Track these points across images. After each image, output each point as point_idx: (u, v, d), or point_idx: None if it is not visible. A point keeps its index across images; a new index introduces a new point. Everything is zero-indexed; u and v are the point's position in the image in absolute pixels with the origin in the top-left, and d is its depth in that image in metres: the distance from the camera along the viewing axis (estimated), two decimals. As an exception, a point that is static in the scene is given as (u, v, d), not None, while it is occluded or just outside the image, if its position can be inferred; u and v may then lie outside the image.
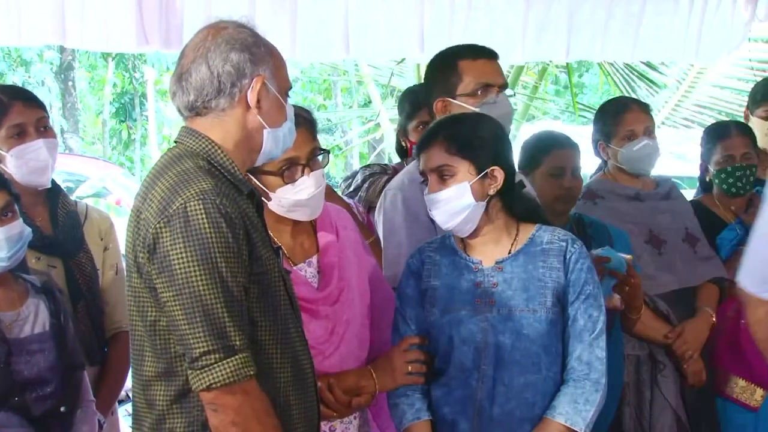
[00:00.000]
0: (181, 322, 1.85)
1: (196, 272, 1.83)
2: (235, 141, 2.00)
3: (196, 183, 1.89)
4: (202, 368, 1.85)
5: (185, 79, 1.98)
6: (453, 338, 2.37)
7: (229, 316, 1.85)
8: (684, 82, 7.77)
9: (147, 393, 1.98)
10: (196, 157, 1.96)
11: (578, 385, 2.33)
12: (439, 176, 2.37)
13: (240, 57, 1.96)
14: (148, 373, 1.97)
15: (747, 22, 4.47)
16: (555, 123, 13.30)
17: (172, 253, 1.84)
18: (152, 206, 1.91)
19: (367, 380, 2.42)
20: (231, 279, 1.86)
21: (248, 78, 1.97)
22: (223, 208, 1.86)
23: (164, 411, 1.95)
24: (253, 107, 1.98)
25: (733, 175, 3.34)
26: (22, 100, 2.77)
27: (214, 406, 1.87)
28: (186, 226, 1.84)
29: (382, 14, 3.89)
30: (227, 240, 1.86)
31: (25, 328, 2.50)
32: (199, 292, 1.83)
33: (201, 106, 1.98)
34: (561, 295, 2.36)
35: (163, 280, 1.86)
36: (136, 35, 3.49)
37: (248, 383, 1.87)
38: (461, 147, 2.35)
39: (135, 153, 20.14)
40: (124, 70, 19.61)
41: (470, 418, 2.35)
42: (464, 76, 2.77)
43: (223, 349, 1.84)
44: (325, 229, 2.49)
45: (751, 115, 3.72)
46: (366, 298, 2.51)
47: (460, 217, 2.36)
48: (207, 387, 1.85)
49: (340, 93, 17.53)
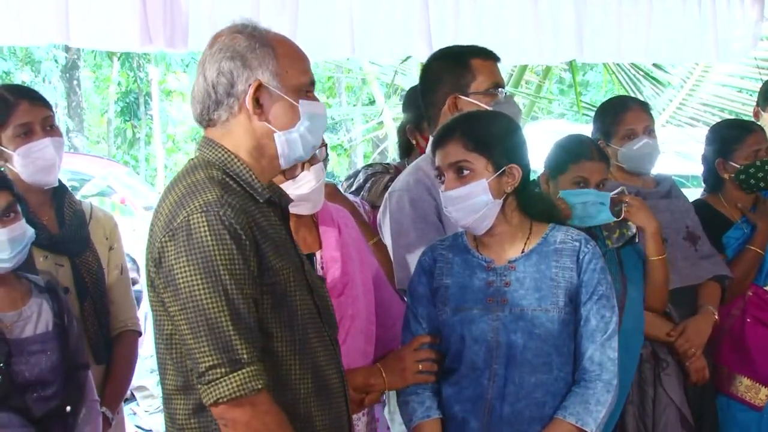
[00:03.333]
0: (188, 336, 1.84)
1: (199, 286, 1.82)
2: (247, 149, 1.97)
3: (202, 195, 1.87)
4: (208, 383, 1.83)
5: (192, 92, 1.98)
6: (464, 337, 2.36)
7: (235, 329, 1.83)
8: (689, 81, 7.76)
9: (169, 407, 1.97)
10: (211, 167, 1.95)
11: (590, 386, 2.33)
12: (457, 172, 2.35)
13: (231, 65, 1.93)
14: (169, 387, 1.96)
15: (756, 21, 4.47)
16: (559, 122, 13.30)
17: (176, 267, 1.83)
18: (160, 220, 1.90)
19: (376, 378, 2.42)
20: (236, 291, 1.83)
21: (243, 85, 1.94)
22: (226, 219, 1.84)
23: (183, 425, 1.94)
24: (252, 113, 1.95)
25: (762, 169, 3.31)
26: (29, 99, 2.77)
27: (224, 421, 1.86)
28: (189, 240, 1.83)
29: (386, 12, 3.89)
30: (231, 252, 1.83)
31: (27, 328, 2.49)
32: (203, 306, 1.82)
33: (207, 119, 1.97)
34: (573, 295, 2.35)
35: (169, 294, 1.86)
36: (140, 34, 3.49)
37: (257, 397, 1.84)
38: (479, 144, 2.34)
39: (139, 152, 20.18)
40: (128, 69, 19.63)
41: (480, 416, 2.34)
42: (478, 74, 2.79)
43: (229, 363, 1.82)
44: (327, 225, 2.50)
45: (762, 112, 3.70)
46: (370, 295, 2.52)
47: (477, 214, 2.35)
48: (215, 402, 1.83)
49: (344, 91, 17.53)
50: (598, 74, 15.56)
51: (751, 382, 3.14)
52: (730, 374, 3.15)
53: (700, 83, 7.74)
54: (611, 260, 2.89)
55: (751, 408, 3.14)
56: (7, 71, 16.95)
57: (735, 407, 3.15)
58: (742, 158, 3.32)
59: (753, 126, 3.48)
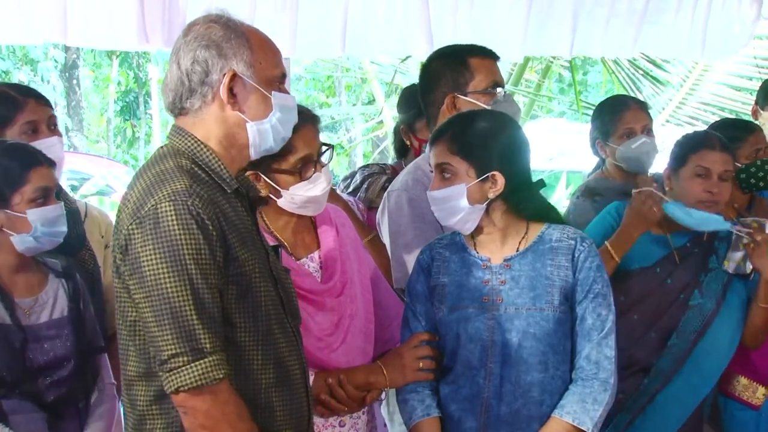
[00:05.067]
0: (151, 324, 1.85)
1: (165, 274, 1.83)
2: (218, 138, 1.99)
3: (170, 183, 1.88)
4: (170, 371, 1.84)
5: (165, 80, 1.99)
6: (460, 335, 2.36)
7: (198, 318, 1.84)
8: (688, 80, 7.76)
9: (130, 393, 1.99)
10: (180, 156, 1.96)
11: (587, 385, 2.33)
12: (441, 174, 2.37)
13: (206, 54, 1.94)
14: (131, 373, 1.97)
15: (753, 20, 4.47)
16: (559, 120, 13.30)
17: (142, 254, 1.84)
18: (128, 207, 1.91)
19: (377, 376, 2.42)
20: (201, 281, 1.85)
21: (217, 74, 1.95)
22: (194, 209, 1.85)
23: (144, 411, 1.96)
24: (226, 102, 1.96)
25: (763, 168, 3.30)
26: (35, 97, 2.80)
27: (184, 409, 1.88)
28: (156, 228, 1.84)
29: (386, 11, 3.89)
30: (198, 241, 1.85)
31: (43, 313, 2.50)
32: (168, 295, 1.83)
33: (179, 107, 1.98)
34: (569, 293, 2.35)
35: (134, 282, 1.87)
36: (137, 33, 3.49)
37: (218, 386, 1.86)
38: (463, 148, 2.34)
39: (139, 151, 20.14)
40: (128, 68, 19.60)
41: (477, 416, 2.35)
42: (476, 73, 2.78)
43: (191, 351, 1.83)
44: (325, 225, 2.51)
45: (761, 111, 3.70)
46: (368, 293, 2.52)
47: (456, 217, 2.36)
48: (175, 390, 1.85)
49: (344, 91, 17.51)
50: (598, 74, 15.55)
51: (748, 381, 3.13)
52: (728, 373, 3.14)
53: (700, 82, 7.74)
54: (718, 278, 2.89)
55: (749, 407, 3.14)
56: (6, 70, 16.93)
57: (732, 406, 3.15)
58: (743, 158, 3.32)
59: (753, 126, 3.47)
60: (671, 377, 2.86)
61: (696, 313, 2.87)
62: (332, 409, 2.37)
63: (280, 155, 2.24)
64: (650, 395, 2.85)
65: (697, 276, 2.90)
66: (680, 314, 2.87)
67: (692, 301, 2.88)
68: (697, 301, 2.87)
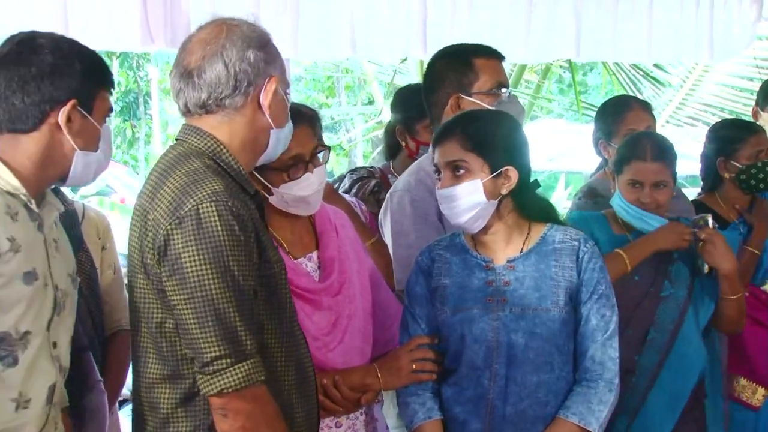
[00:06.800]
0: (192, 325, 1.83)
1: (209, 275, 1.81)
2: (242, 140, 1.97)
3: (208, 184, 1.86)
4: (213, 373, 1.83)
5: (197, 75, 1.93)
6: (465, 337, 2.36)
7: (241, 320, 1.83)
8: (688, 81, 7.77)
9: (150, 395, 1.96)
10: (202, 156, 1.94)
11: (591, 385, 2.33)
12: (453, 171, 2.36)
13: (257, 56, 1.94)
14: (152, 376, 1.95)
15: (754, 21, 4.47)
16: (558, 121, 13.30)
17: (184, 255, 1.82)
18: (161, 207, 1.88)
19: (372, 378, 2.42)
20: (243, 282, 1.84)
21: (263, 77, 1.95)
22: (235, 210, 1.84)
23: (169, 414, 1.94)
24: (265, 107, 1.96)
25: (764, 170, 3.31)
26: None
27: (224, 411, 1.86)
28: (199, 228, 1.82)
29: (385, 12, 3.90)
30: (240, 242, 1.84)
31: None
32: (212, 296, 1.81)
33: (213, 104, 1.95)
34: (574, 294, 2.35)
35: (174, 283, 1.84)
36: (141, 34, 3.50)
37: (259, 388, 1.86)
38: (477, 144, 2.33)
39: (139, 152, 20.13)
40: (128, 69, 19.59)
41: (482, 417, 2.34)
42: (481, 73, 2.77)
43: (234, 353, 1.83)
44: (324, 225, 2.50)
45: (761, 112, 3.71)
46: (367, 294, 2.52)
47: (470, 214, 2.34)
48: (218, 392, 1.84)
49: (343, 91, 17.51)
50: (597, 76, 15.54)
51: (747, 382, 3.14)
52: (727, 374, 3.15)
53: (700, 83, 7.75)
54: (685, 266, 2.90)
55: (748, 408, 3.15)
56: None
57: (732, 407, 3.15)
58: (744, 158, 3.32)
59: (755, 127, 3.48)
60: (657, 372, 2.84)
61: (671, 303, 2.86)
62: (327, 410, 2.36)
63: None
64: (642, 394, 2.84)
65: (664, 267, 2.89)
66: (654, 307, 2.86)
67: (663, 293, 2.87)
68: (668, 292, 2.87)
